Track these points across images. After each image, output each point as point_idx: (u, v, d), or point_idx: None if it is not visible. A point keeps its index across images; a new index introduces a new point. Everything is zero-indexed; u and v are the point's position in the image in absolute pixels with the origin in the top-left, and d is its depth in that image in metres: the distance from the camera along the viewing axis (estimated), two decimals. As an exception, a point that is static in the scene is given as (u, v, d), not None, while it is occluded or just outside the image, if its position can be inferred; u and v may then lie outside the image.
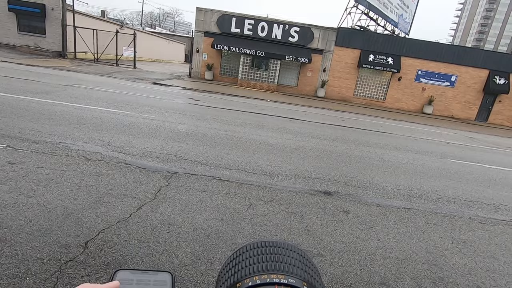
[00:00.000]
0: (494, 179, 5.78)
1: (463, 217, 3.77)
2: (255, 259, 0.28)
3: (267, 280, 0.24)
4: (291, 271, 0.26)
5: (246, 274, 0.26)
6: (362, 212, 3.47)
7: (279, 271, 0.26)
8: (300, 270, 0.27)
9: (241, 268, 0.27)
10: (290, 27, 18.29)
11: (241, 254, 0.30)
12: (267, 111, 10.26)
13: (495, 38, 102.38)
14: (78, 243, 2.24)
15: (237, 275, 0.26)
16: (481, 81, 19.49)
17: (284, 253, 0.29)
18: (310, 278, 0.27)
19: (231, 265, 0.29)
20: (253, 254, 0.29)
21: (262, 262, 0.27)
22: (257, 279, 0.25)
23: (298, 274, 0.26)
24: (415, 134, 10.30)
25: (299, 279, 0.25)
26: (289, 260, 0.28)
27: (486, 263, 2.82)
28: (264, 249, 0.29)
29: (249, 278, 0.25)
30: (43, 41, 18.64)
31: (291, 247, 0.30)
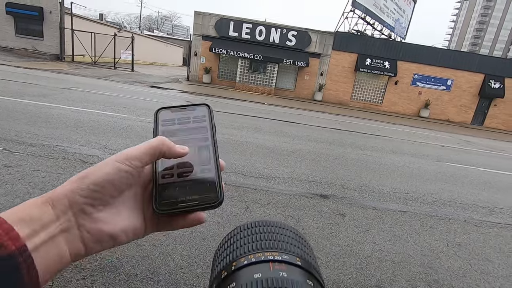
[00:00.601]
0: (489, 182, 5.83)
1: (458, 220, 3.80)
2: (250, 238, 0.28)
3: (261, 258, 0.25)
4: (284, 248, 0.27)
5: (241, 253, 0.26)
6: (358, 215, 3.49)
7: (273, 248, 0.27)
8: (294, 246, 0.28)
9: (236, 248, 0.28)
10: (287, 31, 18.43)
11: (236, 234, 0.30)
12: (264, 114, 10.30)
13: (490, 43, 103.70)
14: (74, 246, 2.23)
15: (233, 255, 0.27)
16: (476, 85, 19.70)
17: (278, 231, 0.29)
18: (304, 253, 0.27)
19: (226, 245, 0.30)
20: (247, 234, 0.29)
21: (256, 241, 0.28)
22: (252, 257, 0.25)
23: (292, 250, 0.27)
24: (412, 138, 10.37)
25: (292, 255, 0.26)
26: (283, 238, 0.28)
27: (480, 266, 2.84)
28: (259, 229, 0.30)
29: (244, 257, 0.26)
30: (41, 44, 18.63)
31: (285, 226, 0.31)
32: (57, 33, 18.28)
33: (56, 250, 0.26)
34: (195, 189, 0.34)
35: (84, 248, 0.28)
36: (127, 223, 0.31)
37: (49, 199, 0.27)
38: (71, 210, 0.27)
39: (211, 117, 0.39)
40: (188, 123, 0.38)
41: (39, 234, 0.25)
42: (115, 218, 0.30)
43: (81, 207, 0.28)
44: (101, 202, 0.29)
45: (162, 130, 0.37)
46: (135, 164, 0.30)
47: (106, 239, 0.29)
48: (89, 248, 0.29)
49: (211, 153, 0.36)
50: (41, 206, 0.26)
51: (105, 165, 0.30)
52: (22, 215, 0.25)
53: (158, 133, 0.37)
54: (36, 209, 0.26)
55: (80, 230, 0.28)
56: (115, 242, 0.30)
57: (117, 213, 0.30)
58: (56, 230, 0.26)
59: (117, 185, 0.30)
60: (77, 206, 0.28)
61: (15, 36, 18.65)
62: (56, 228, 0.26)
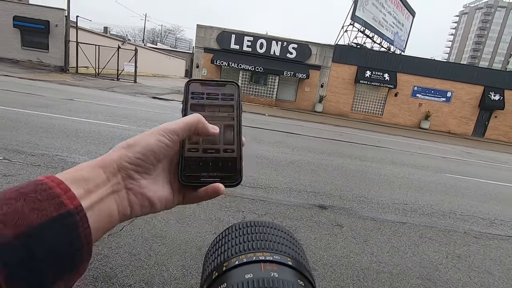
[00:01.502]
0: (490, 194, 5.78)
1: (458, 231, 3.76)
2: (241, 238, 0.28)
3: (253, 258, 0.25)
4: (276, 248, 0.27)
5: (233, 254, 0.26)
6: (356, 226, 3.46)
7: (265, 249, 0.27)
8: (285, 247, 0.28)
9: (227, 248, 0.28)
10: (288, 43, 18.74)
11: (227, 234, 0.30)
12: (264, 125, 10.35)
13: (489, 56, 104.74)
14: (68, 256, 2.22)
15: (224, 255, 0.27)
16: (476, 97, 19.79)
17: (269, 231, 0.29)
18: (295, 254, 0.27)
19: (217, 245, 0.30)
20: (239, 234, 0.29)
21: (248, 242, 0.28)
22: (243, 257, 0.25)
23: (283, 251, 0.27)
24: (412, 149, 10.36)
25: (284, 255, 0.26)
26: (274, 238, 0.29)
27: (481, 278, 2.79)
28: (250, 229, 0.30)
29: (235, 257, 0.26)
30: (46, 56, 19.00)
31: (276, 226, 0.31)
32: (62, 46, 18.67)
33: (107, 210, 0.28)
34: (217, 166, 0.37)
35: (130, 210, 0.31)
36: (161, 192, 0.34)
37: (100, 163, 0.29)
38: (120, 174, 0.30)
39: (238, 96, 0.40)
40: (216, 100, 0.39)
41: (92, 195, 0.27)
42: (153, 186, 0.33)
43: (128, 173, 0.30)
44: (144, 170, 0.31)
45: (192, 103, 0.38)
46: (173, 138, 0.33)
47: (146, 205, 0.32)
48: (133, 211, 0.31)
49: (235, 133, 0.38)
50: (93, 169, 0.28)
51: (148, 136, 0.32)
52: (77, 176, 0.27)
53: (188, 106, 0.38)
54: (89, 172, 0.28)
55: (127, 193, 0.30)
56: (151, 209, 0.33)
57: (154, 182, 0.33)
58: (107, 192, 0.28)
59: (157, 155, 0.32)
60: (124, 171, 0.30)
61: (21, 48, 19.06)
62: (107, 190, 0.28)
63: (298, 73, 18.36)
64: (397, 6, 21.37)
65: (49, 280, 0.22)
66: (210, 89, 0.39)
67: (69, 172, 0.27)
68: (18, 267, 0.20)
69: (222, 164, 0.37)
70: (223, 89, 0.40)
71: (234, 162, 0.37)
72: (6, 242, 0.20)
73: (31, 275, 0.20)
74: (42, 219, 0.22)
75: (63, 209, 0.23)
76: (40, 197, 0.22)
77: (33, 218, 0.21)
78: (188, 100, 0.38)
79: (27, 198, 0.22)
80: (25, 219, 0.21)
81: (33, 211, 0.22)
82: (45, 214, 0.22)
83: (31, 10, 18.53)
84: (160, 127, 0.33)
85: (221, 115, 0.39)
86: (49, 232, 0.22)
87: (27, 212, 0.21)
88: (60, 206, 0.23)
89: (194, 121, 0.34)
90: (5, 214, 0.21)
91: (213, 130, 0.36)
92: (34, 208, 0.22)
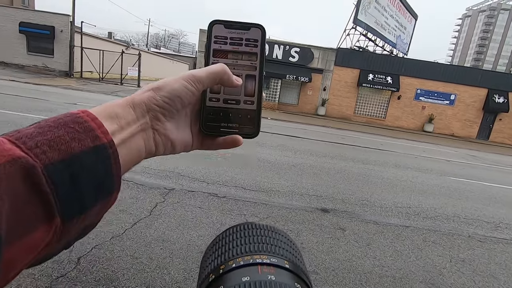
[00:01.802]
0: (495, 197, 5.72)
1: (462, 235, 3.72)
2: (239, 241, 0.28)
3: (250, 261, 0.25)
4: (273, 251, 0.27)
5: (230, 256, 0.26)
6: (358, 230, 3.44)
7: (262, 251, 0.26)
8: (282, 250, 0.28)
9: (224, 251, 0.28)
10: (290, 47, 18.81)
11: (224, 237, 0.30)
12: (267, 128, 10.36)
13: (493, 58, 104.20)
14: (70, 259, 2.24)
15: (221, 258, 0.27)
16: (480, 100, 19.67)
17: (267, 234, 0.29)
18: (292, 256, 0.27)
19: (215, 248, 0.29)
20: (236, 237, 0.29)
21: (245, 244, 0.28)
22: (240, 260, 0.25)
23: (280, 253, 0.27)
24: (415, 152, 10.30)
25: (281, 258, 0.26)
26: (272, 241, 0.28)
27: (485, 283, 2.76)
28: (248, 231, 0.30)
29: (232, 259, 0.26)
30: (51, 61, 19.24)
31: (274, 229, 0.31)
32: (67, 51, 18.91)
33: (136, 146, 0.30)
34: (236, 118, 0.38)
35: (155, 149, 0.33)
36: (182, 136, 0.36)
37: (130, 102, 0.31)
38: (148, 115, 0.31)
39: (263, 43, 0.38)
40: (240, 46, 0.38)
41: (123, 131, 0.29)
42: (176, 130, 0.35)
43: (155, 114, 0.32)
44: (169, 114, 0.33)
45: (214, 48, 0.38)
46: (198, 86, 0.34)
47: (169, 146, 0.34)
48: (158, 150, 0.33)
49: (256, 84, 0.38)
50: (125, 107, 0.30)
51: (175, 81, 0.33)
52: (111, 112, 0.28)
53: (211, 52, 0.38)
54: (121, 109, 0.29)
55: (153, 133, 0.32)
56: (172, 150, 0.35)
57: (177, 126, 0.35)
58: (137, 129, 0.30)
59: (182, 101, 0.33)
60: (152, 112, 0.32)
61: (26, 53, 19.33)
62: (136, 128, 0.30)
63: (301, 77, 18.40)
64: (399, 9, 21.39)
65: (89, 202, 0.24)
66: (233, 33, 0.38)
67: (102, 108, 0.29)
68: (64, 187, 0.22)
69: (242, 116, 0.38)
70: (247, 33, 0.38)
71: (253, 114, 0.38)
72: (53, 163, 0.21)
73: (75, 195, 0.23)
74: (81, 148, 0.23)
75: (98, 142, 0.25)
76: (78, 129, 0.24)
77: (74, 146, 0.23)
78: (211, 44, 0.38)
79: (67, 128, 0.24)
80: (67, 146, 0.23)
81: (74, 140, 0.23)
82: (83, 144, 0.24)
83: (36, 16, 18.82)
84: (186, 73, 0.34)
85: (243, 63, 0.38)
86: (88, 159, 0.24)
87: (69, 140, 0.23)
88: (95, 139, 0.25)
89: (219, 71, 0.35)
90: (50, 139, 0.22)
91: (237, 82, 0.36)
92: (74, 138, 0.23)
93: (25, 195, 0.20)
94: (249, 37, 0.38)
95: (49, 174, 0.21)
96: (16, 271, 0.20)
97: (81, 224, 0.25)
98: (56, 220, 0.22)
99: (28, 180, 0.20)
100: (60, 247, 0.25)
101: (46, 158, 0.21)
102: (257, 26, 0.38)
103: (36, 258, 0.22)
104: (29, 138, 0.22)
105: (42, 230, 0.21)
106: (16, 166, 0.20)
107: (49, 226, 0.21)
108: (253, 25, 0.38)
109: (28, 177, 0.20)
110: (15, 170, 0.20)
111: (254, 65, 0.38)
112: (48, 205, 0.21)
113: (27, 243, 0.20)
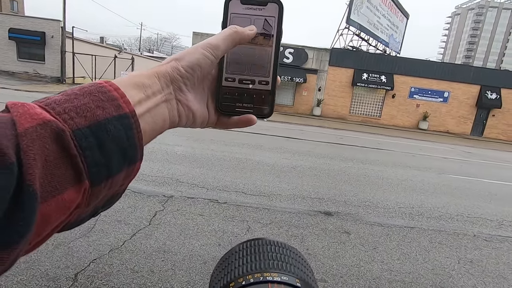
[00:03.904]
0: (495, 194, 5.71)
1: (468, 234, 3.67)
2: (248, 258, 0.28)
3: (260, 278, 0.24)
4: (284, 269, 0.26)
5: (240, 274, 0.26)
6: (364, 233, 3.37)
7: (273, 269, 0.26)
8: (294, 267, 0.27)
9: (234, 268, 0.27)
10: (284, 48, 18.78)
11: (234, 253, 0.30)
12: (264, 130, 10.29)
13: (483, 55, 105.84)
14: (67, 275, 2.12)
15: (230, 275, 0.26)
16: (473, 96, 19.87)
17: (277, 251, 0.29)
18: (303, 274, 0.27)
19: (224, 265, 0.29)
20: (246, 254, 0.29)
21: (255, 261, 0.27)
22: (250, 277, 0.25)
23: (291, 271, 0.26)
24: (413, 150, 10.31)
25: (292, 276, 0.25)
26: (283, 257, 0.28)
27: (496, 284, 2.70)
28: (257, 248, 0.29)
29: (242, 277, 0.25)
30: (42, 68, 18.94)
31: (284, 245, 0.30)
32: (59, 57, 18.62)
33: (161, 116, 0.31)
34: (251, 98, 0.38)
35: (178, 119, 0.33)
36: (201, 109, 0.36)
37: (155, 73, 0.31)
38: (172, 85, 0.32)
39: (280, 21, 0.37)
40: (257, 24, 0.37)
41: (149, 100, 0.29)
42: (196, 102, 0.35)
43: (179, 85, 0.32)
44: (190, 84, 0.33)
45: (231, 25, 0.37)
46: (216, 53, 0.34)
47: (190, 118, 0.35)
48: (181, 121, 0.34)
49: (272, 64, 0.37)
50: (150, 77, 0.30)
51: (194, 51, 0.33)
52: (137, 82, 0.29)
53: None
54: (147, 79, 0.30)
55: (177, 103, 0.33)
56: (193, 122, 0.36)
57: (196, 98, 0.35)
58: (162, 99, 0.31)
59: (203, 70, 0.34)
60: (176, 83, 0.32)
61: (17, 60, 18.99)
62: (162, 97, 0.31)
63: (295, 78, 18.39)
64: (391, 8, 21.56)
65: (115, 168, 0.25)
66: (251, 10, 0.37)
67: (128, 78, 0.29)
68: (91, 151, 0.23)
69: (256, 97, 0.38)
70: (264, 10, 0.37)
71: (267, 95, 0.38)
72: (80, 129, 0.22)
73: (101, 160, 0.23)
74: (106, 116, 0.24)
75: (121, 111, 0.25)
76: (102, 97, 0.25)
77: (99, 114, 0.24)
78: (227, 21, 0.37)
79: (92, 96, 0.24)
80: (93, 113, 0.23)
81: (98, 108, 0.24)
82: (107, 112, 0.24)
83: (26, 22, 18.52)
84: (202, 43, 0.34)
85: (259, 42, 0.37)
86: (112, 127, 0.24)
87: (94, 108, 0.24)
88: (118, 108, 0.25)
89: (231, 33, 0.34)
90: (77, 106, 0.23)
91: (250, 31, 0.36)
92: (99, 106, 0.24)
93: (55, 158, 0.21)
94: (266, 15, 0.37)
95: (77, 139, 0.22)
96: (50, 227, 0.22)
97: (108, 190, 0.25)
98: (85, 183, 0.22)
99: (59, 143, 0.21)
100: (89, 213, 0.26)
101: (74, 123, 0.22)
102: (275, 1, 0.37)
103: (68, 220, 0.23)
104: (58, 104, 0.23)
105: (72, 192, 0.22)
106: (47, 129, 0.21)
107: (78, 189, 0.22)
108: (271, 0, 0.37)
109: (58, 140, 0.21)
110: (46, 132, 0.21)
111: (270, 44, 0.37)
112: (77, 168, 0.22)
113: (59, 202, 0.21)
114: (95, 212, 0.27)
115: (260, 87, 0.38)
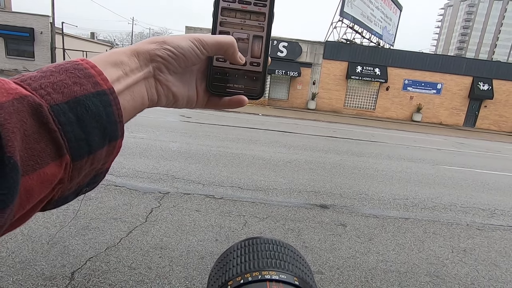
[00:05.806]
0: (487, 183, 5.81)
1: (461, 224, 3.74)
2: (247, 256, 0.28)
3: (258, 277, 0.24)
4: (282, 267, 0.26)
5: (238, 272, 0.26)
6: (359, 225, 3.40)
7: (271, 267, 0.26)
8: (292, 265, 0.27)
9: (232, 266, 0.27)
10: (278, 42, 18.67)
11: (232, 252, 0.30)
12: (259, 125, 10.28)
13: (476, 47, 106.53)
14: (64, 274, 2.11)
15: (229, 273, 0.26)
16: (465, 88, 20.05)
17: (275, 249, 0.29)
18: (301, 273, 0.27)
19: (222, 263, 0.29)
20: (244, 252, 0.29)
21: (253, 260, 0.27)
22: (248, 276, 0.25)
23: (290, 269, 0.26)
24: (407, 142, 10.41)
25: (290, 275, 0.25)
26: (281, 256, 0.28)
27: (488, 272, 2.77)
28: (256, 246, 0.29)
29: (240, 276, 0.25)
30: (32, 65, 18.57)
31: (282, 243, 0.30)
32: (49, 53, 18.28)
33: (140, 94, 0.31)
34: (242, 78, 0.38)
35: (157, 98, 0.33)
36: (186, 91, 0.36)
37: (134, 51, 0.30)
38: (151, 64, 0.31)
39: (272, 2, 0.37)
40: (248, 4, 0.37)
41: (128, 78, 0.29)
42: (179, 83, 0.35)
43: (158, 65, 0.32)
44: (172, 68, 0.33)
45: (222, 6, 0.37)
46: (203, 51, 0.34)
47: (171, 98, 0.35)
48: (160, 100, 0.34)
49: (263, 46, 0.37)
50: (129, 55, 0.30)
51: (181, 40, 0.33)
52: (115, 59, 0.29)
53: (219, 11, 0.37)
54: (125, 57, 0.29)
55: (155, 82, 0.32)
56: (175, 103, 0.36)
57: (180, 80, 0.35)
58: (141, 77, 0.30)
59: (186, 60, 0.33)
60: (155, 63, 0.32)
61: (6, 57, 18.60)
62: (140, 75, 0.30)
63: (290, 71, 18.32)
64: (384, 1, 21.49)
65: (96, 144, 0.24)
66: None
67: (106, 55, 0.29)
68: (70, 126, 0.22)
69: (248, 78, 0.38)
70: None
71: (258, 76, 0.38)
72: (57, 104, 0.22)
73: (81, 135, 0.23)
74: (83, 92, 0.24)
75: (99, 88, 0.25)
76: (79, 74, 0.24)
77: (76, 90, 0.23)
78: (219, 2, 0.36)
79: (68, 73, 0.24)
80: (70, 90, 0.23)
81: (76, 84, 0.24)
82: (85, 88, 0.24)
83: (14, 17, 18.09)
84: (193, 35, 0.34)
85: (251, 23, 0.37)
86: (91, 103, 0.24)
87: (71, 84, 0.23)
88: (96, 85, 0.25)
89: (227, 43, 0.34)
90: (53, 82, 0.23)
91: (240, 60, 0.36)
92: (76, 82, 0.24)
93: (34, 132, 0.21)
94: None
95: (55, 114, 0.22)
96: (33, 201, 0.21)
97: (90, 167, 0.25)
98: (66, 158, 0.22)
99: (37, 118, 0.21)
100: (73, 190, 0.26)
101: (51, 99, 0.22)
102: None
103: (51, 195, 0.23)
104: (33, 81, 0.23)
105: (54, 166, 0.22)
106: (24, 103, 0.20)
107: (59, 163, 0.22)
108: None
109: (36, 114, 0.21)
110: (23, 107, 0.20)
111: (261, 25, 0.37)
112: (57, 143, 0.22)
113: (41, 176, 0.21)
114: (79, 191, 0.27)
115: (252, 68, 0.38)
